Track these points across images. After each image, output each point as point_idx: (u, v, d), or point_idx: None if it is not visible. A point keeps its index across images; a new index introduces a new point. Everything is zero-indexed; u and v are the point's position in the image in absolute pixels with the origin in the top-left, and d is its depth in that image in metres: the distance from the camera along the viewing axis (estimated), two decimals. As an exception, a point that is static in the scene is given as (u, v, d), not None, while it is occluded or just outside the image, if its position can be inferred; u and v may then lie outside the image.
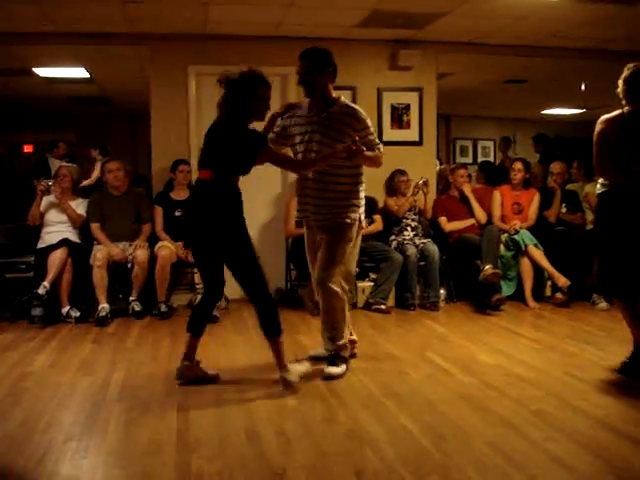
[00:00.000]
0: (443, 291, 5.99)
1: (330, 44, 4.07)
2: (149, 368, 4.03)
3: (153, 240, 5.76)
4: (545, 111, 10.91)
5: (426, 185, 6.10)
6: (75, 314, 5.32)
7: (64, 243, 5.43)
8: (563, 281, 5.75)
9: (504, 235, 6.03)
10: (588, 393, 3.46)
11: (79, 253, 5.51)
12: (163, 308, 5.47)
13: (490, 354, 4.29)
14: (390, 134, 6.48)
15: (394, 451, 2.72)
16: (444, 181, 6.60)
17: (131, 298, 5.49)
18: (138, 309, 5.45)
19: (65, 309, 5.34)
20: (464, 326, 5.20)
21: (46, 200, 5.69)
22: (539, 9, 5.36)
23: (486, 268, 5.55)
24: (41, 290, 5.16)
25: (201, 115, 5.99)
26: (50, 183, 5.69)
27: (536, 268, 5.90)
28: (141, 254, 5.49)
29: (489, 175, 7.88)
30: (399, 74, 6.49)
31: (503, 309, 5.62)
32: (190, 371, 3.66)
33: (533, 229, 6.06)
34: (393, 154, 6.03)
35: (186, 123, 6.14)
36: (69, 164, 6.46)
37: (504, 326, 5.14)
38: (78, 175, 5.99)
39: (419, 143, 6.62)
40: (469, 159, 12.06)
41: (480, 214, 6.23)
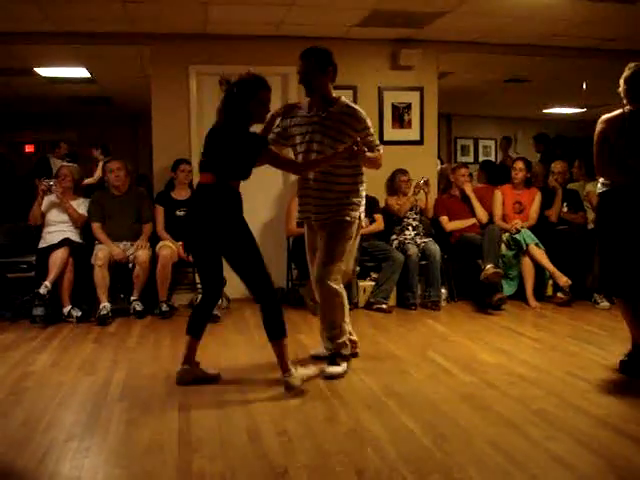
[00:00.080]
0: (444, 290, 5.98)
1: (330, 43, 4.08)
2: (150, 368, 4.03)
3: (154, 239, 5.76)
4: (546, 110, 10.90)
5: (427, 184, 6.10)
6: (76, 314, 5.33)
7: (65, 243, 5.43)
8: (564, 280, 5.74)
9: (505, 234, 6.03)
10: (589, 392, 3.45)
11: (80, 253, 5.51)
12: (164, 308, 5.48)
13: (491, 353, 4.29)
14: (391, 133, 6.49)
15: (395, 450, 2.72)
16: (445, 180, 6.59)
17: (132, 298, 5.50)
18: (139, 309, 5.45)
19: (66, 309, 5.35)
20: (465, 325, 5.20)
21: (47, 200, 5.70)
22: (539, 8, 5.35)
23: (487, 267, 5.55)
24: (42, 290, 5.17)
25: (202, 115, 6.00)
26: (51, 183, 5.69)
27: (537, 267, 5.89)
28: (142, 254, 5.49)
29: (490, 174, 7.87)
30: (400, 73, 6.49)
31: (504, 308, 5.61)
32: (190, 374, 3.64)
33: (534, 228, 6.06)
34: (394, 153, 6.05)
35: (187, 122, 6.14)
36: (70, 164, 6.47)
37: (505, 325, 5.14)
38: (79, 175, 5.98)
39: (420, 142, 6.62)
40: (470, 158, 12.03)
41: (481, 213, 6.23)
